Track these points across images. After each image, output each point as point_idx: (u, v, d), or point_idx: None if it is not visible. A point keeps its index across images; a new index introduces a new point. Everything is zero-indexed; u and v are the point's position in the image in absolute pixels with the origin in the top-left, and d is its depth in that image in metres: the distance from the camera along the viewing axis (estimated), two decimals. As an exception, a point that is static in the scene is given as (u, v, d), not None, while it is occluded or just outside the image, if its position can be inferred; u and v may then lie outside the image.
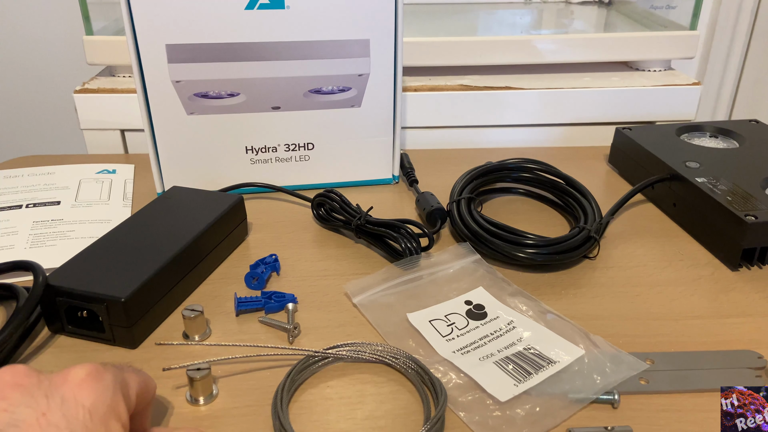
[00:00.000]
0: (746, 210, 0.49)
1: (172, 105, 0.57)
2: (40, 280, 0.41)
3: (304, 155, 0.61)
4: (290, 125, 0.60)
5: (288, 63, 0.57)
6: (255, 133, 0.60)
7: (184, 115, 0.57)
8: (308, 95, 0.58)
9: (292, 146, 0.61)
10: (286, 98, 0.58)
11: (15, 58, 1.16)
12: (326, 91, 0.58)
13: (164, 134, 0.58)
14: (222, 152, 0.60)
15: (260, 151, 0.60)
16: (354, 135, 0.62)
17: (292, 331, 0.43)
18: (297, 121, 0.60)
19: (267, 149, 0.60)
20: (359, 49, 0.57)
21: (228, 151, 0.60)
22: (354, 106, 0.60)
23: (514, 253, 0.50)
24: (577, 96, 0.75)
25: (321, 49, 0.57)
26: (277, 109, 0.58)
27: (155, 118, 0.57)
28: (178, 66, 0.55)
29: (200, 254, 0.48)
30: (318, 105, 0.59)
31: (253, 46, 0.56)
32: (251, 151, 0.60)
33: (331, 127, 0.61)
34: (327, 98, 0.59)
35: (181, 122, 0.58)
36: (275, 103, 0.58)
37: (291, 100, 0.59)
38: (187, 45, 0.55)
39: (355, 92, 0.59)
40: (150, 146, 0.58)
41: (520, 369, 0.39)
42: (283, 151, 0.61)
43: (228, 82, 0.57)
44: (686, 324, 0.44)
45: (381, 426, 0.36)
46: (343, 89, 0.59)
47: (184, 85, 0.56)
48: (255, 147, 0.60)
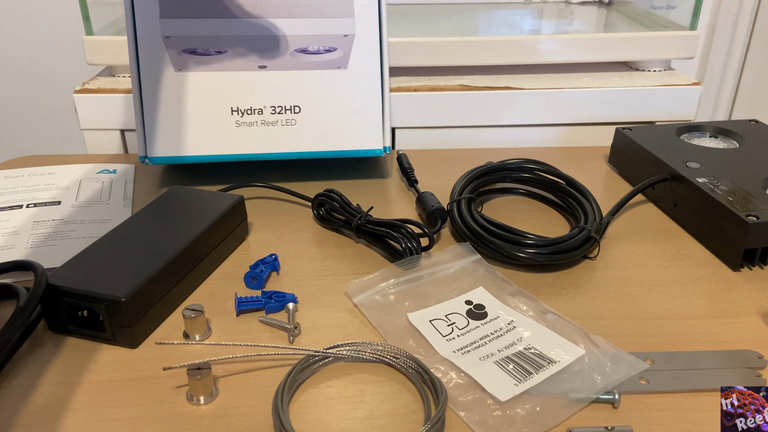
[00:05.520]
0: (747, 210, 0.49)
1: (161, 61, 0.57)
2: (40, 279, 0.41)
3: (291, 119, 0.60)
4: (277, 86, 0.60)
5: (274, 21, 0.58)
6: (241, 93, 0.60)
7: (172, 71, 0.58)
8: (294, 55, 0.59)
9: (278, 108, 0.60)
10: (272, 57, 0.59)
11: (15, 58, 1.16)
12: (312, 51, 0.59)
13: (151, 93, 0.58)
14: (208, 113, 0.60)
15: (246, 113, 0.60)
16: (341, 99, 0.61)
17: (292, 331, 0.43)
18: (283, 82, 0.60)
19: (253, 111, 0.60)
20: (343, 8, 0.59)
21: (214, 111, 0.60)
22: (340, 68, 0.60)
23: (515, 253, 0.50)
24: (577, 96, 0.75)
25: (306, 7, 0.58)
26: (263, 68, 0.59)
27: (144, 76, 0.57)
28: (169, 21, 0.57)
29: (200, 254, 0.48)
30: (304, 65, 0.59)
31: (242, 2, 0.57)
32: (237, 113, 0.60)
33: (317, 90, 0.60)
34: (313, 58, 0.59)
35: (169, 79, 0.58)
36: (262, 62, 0.59)
37: (277, 60, 0.59)
38: (178, 0, 0.56)
39: (341, 53, 0.60)
40: (136, 107, 0.58)
41: (520, 369, 0.39)
42: (269, 114, 0.60)
43: (216, 39, 0.58)
44: (686, 324, 0.44)
45: (381, 425, 0.36)
46: (329, 49, 0.59)
47: (173, 41, 0.57)
48: (241, 108, 0.60)
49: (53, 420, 0.36)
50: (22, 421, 0.36)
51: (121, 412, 0.37)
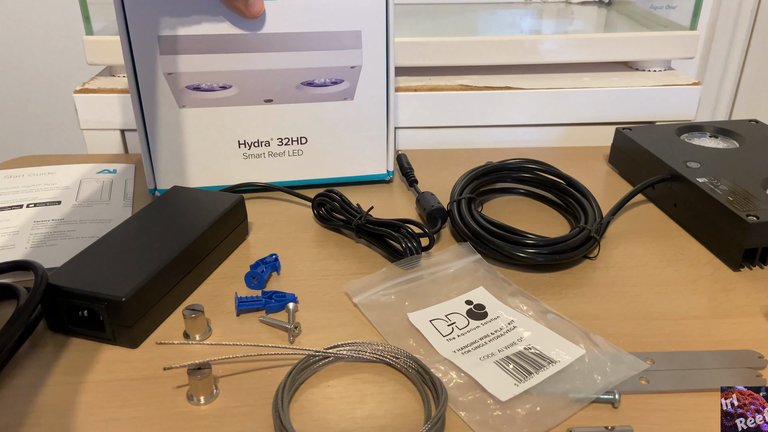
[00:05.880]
0: (747, 210, 0.49)
1: (164, 98, 0.57)
2: (40, 279, 0.41)
3: (298, 150, 0.61)
4: (283, 118, 0.60)
5: (280, 54, 0.57)
6: (247, 127, 0.59)
7: (176, 108, 0.57)
8: (300, 87, 0.58)
9: (285, 140, 0.60)
10: (278, 91, 0.58)
11: (15, 58, 1.16)
12: (319, 84, 0.58)
13: (156, 129, 0.58)
14: (214, 147, 0.60)
15: (253, 145, 0.60)
16: (347, 129, 0.61)
17: (292, 331, 0.43)
18: (290, 115, 0.60)
19: (260, 143, 0.60)
20: (351, 40, 0.58)
21: (220, 145, 0.60)
22: (347, 99, 0.60)
23: (515, 253, 0.50)
24: (577, 96, 0.75)
25: (313, 41, 0.57)
26: (269, 102, 0.58)
27: (147, 112, 0.57)
28: (169, 58, 0.55)
29: (201, 254, 0.48)
30: (310, 98, 0.59)
31: (245, 37, 0.56)
32: (244, 146, 0.60)
33: (324, 121, 0.61)
34: (319, 91, 0.59)
35: (173, 116, 0.58)
36: (268, 96, 0.58)
37: (283, 93, 0.59)
38: (179, 36, 0.55)
39: (348, 84, 0.59)
40: (142, 142, 0.58)
41: (520, 368, 0.39)
42: (276, 146, 0.61)
43: (220, 74, 0.57)
44: (686, 324, 0.44)
45: (381, 425, 0.36)
46: (336, 81, 0.59)
47: (175, 78, 0.56)
48: (248, 141, 0.60)
49: (53, 420, 0.36)
50: (23, 421, 0.36)
51: (121, 412, 0.37)
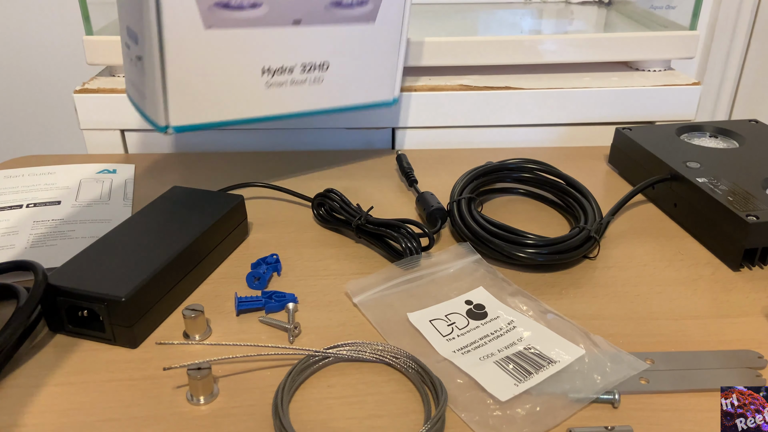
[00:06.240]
0: (747, 210, 0.49)
1: (189, 18, 0.52)
2: (40, 279, 0.41)
3: (319, 77, 0.60)
4: (309, 42, 0.58)
5: None
6: (274, 52, 0.57)
7: (201, 29, 0.53)
8: (329, 8, 0.57)
9: (308, 67, 0.59)
10: (308, 10, 0.57)
11: (15, 58, 1.16)
12: (346, 4, 0.58)
13: (176, 54, 0.53)
14: (237, 75, 0.56)
15: (276, 72, 0.58)
16: (366, 54, 0.61)
17: (292, 331, 0.43)
18: (316, 38, 0.58)
19: (284, 70, 0.58)
20: None
21: (243, 73, 0.57)
22: (369, 22, 0.59)
23: (515, 253, 0.50)
24: (577, 96, 0.75)
25: None
26: (297, 24, 0.56)
27: (168, 35, 0.52)
28: None
29: (201, 254, 0.48)
30: (337, 19, 0.58)
31: None
32: (267, 73, 0.57)
33: (346, 45, 0.60)
34: (347, 12, 0.58)
35: (198, 38, 0.53)
36: (297, 16, 0.56)
37: (313, 13, 0.57)
38: None
39: (371, 6, 0.59)
40: (155, 72, 0.53)
41: (520, 368, 0.39)
42: (299, 73, 0.59)
43: None
44: (686, 324, 0.44)
45: (381, 425, 0.36)
46: (361, 3, 0.58)
47: None
48: (272, 68, 0.57)
49: (53, 420, 0.36)
50: (23, 421, 0.36)
51: (121, 412, 0.37)
